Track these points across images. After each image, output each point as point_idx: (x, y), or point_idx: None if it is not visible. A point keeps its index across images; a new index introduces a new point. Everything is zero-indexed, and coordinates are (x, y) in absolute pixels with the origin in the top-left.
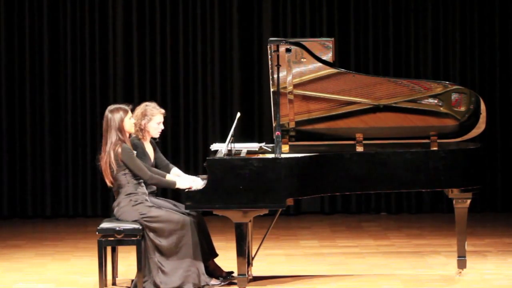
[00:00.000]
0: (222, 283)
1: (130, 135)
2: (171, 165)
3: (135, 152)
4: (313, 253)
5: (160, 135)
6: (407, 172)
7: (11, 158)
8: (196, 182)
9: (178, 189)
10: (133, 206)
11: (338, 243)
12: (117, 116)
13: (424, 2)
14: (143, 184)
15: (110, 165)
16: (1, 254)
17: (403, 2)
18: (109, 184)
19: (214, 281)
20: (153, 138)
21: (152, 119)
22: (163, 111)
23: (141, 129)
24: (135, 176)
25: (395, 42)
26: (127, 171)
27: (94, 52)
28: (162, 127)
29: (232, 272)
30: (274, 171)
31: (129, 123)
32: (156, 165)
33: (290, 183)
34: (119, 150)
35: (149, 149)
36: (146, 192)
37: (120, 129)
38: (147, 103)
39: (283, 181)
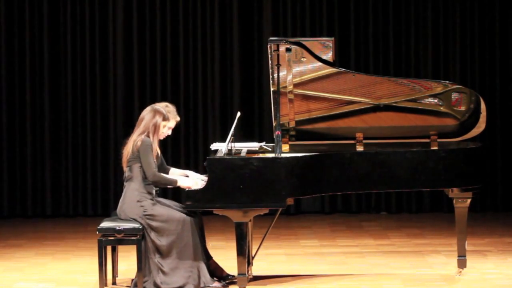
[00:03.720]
0: (223, 285)
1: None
2: (169, 167)
3: (157, 152)
4: (313, 253)
5: (168, 137)
6: (407, 172)
7: (11, 158)
8: (199, 181)
9: (179, 187)
10: (138, 202)
11: (338, 242)
12: (158, 119)
13: (424, 2)
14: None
15: (128, 151)
16: (2, 253)
17: (403, 2)
18: (124, 170)
19: (216, 284)
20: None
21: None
22: (178, 118)
23: None
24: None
25: (395, 42)
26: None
27: (94, 52)
28: (170, 132)
29: (233, 276)
30: (274, 171)
31: (163, 130)
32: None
33: (290, 182)
34: (139, 142)
35: (156, 148)
36: (154, 193)
37: (153, 129)
38: (168, 104)
39: (283, 181)
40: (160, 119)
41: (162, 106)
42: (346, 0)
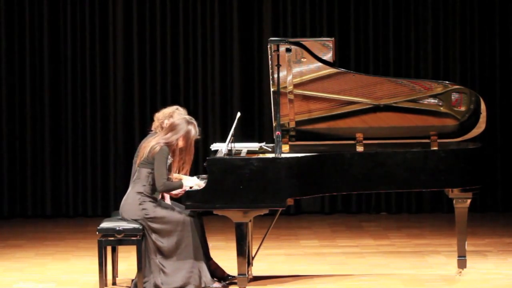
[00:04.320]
0: (223, 285)
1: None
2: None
3: (170, 160)
4: (313, 253)
5: None
6: (407, 172)
7: (11, 158)
8: (199, 184)
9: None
10: (140, 205)
11: (338, 243)
12: (191, 130)
13: (424, 2)
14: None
15: (144, 152)
16: (2, 253)
17: (403, 2)
18: (137, 165)
19: (216, 284)
20: None
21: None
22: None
23: (162, 127)
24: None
25: (395, 42)
26: (153, 171)
27: (94, 52)
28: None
29: (234, 277)
30: (274, 171)
31: (191, 144)
32: None
33: (290, 183)
34: (158, 148)
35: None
36: (158, 198)
37: (182, 141)
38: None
39: (283, 181)
40: (194, 131)
41: (172, 109)
42: (346, 0)
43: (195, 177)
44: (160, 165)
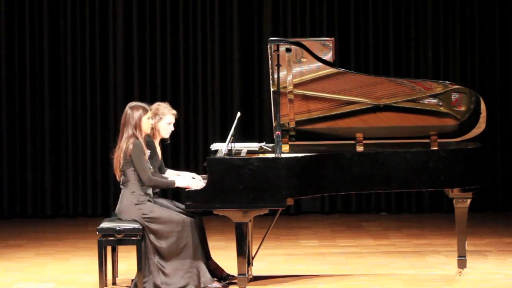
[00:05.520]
0: (223, 285)
1: (148, 136)
2: (166, 168)
3: (148, 152)
4: (313, 253)
5: (170, 137)
6: (407, 172)
7: (11, 158)
8: (195, 180)
9: (177, 188)
10: (136, 205)
11: (338, 242)
12: (136, 113)
13: (424, 2)
14: None
15: (119, 159)
16: (2, 253)
17: (403, 2)
18: (118, 178)
19: (216, 284)
20: (163, 140)
21: (162, 118)
22: (174, 112)
23: (152, 128)
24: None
25: (395, 42)
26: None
27: (94, 52)
28: (172, 128)
29: (233, 277)
30: (274, 171)
31: (147, 123)
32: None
33: (290, 182)
34: (130, 146)
35: (159, 149)
36: (151, 194)
37: (137, 127)
38: (159, 102)
39: (283, 181)
40: (140, 113)
41: (154, 106)
42: (346, 0)
43: (194, 176)
44: (140, 161)
